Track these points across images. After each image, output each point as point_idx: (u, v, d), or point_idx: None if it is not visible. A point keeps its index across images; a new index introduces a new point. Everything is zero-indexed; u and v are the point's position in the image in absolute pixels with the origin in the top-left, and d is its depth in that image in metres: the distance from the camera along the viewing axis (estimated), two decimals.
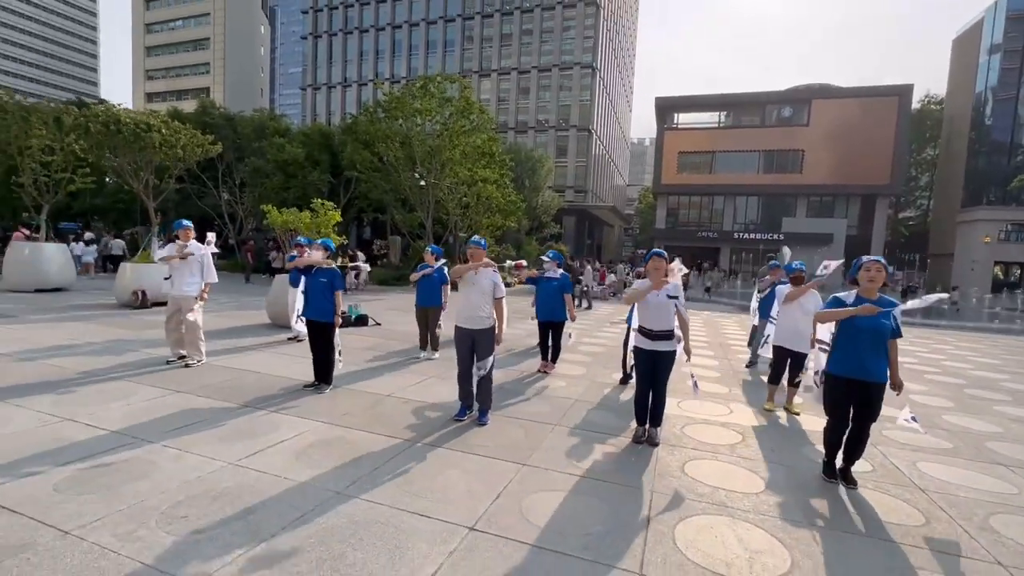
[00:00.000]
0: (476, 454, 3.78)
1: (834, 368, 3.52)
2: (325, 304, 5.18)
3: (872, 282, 3.39)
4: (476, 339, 4.47)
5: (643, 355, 4.18)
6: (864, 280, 3.43)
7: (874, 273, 3.38)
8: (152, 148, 9.95)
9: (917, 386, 6.93)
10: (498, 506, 3.01)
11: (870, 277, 3.39)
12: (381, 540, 2.58)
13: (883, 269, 3.39)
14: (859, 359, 3.38)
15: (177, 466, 3.32)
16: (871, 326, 3.33)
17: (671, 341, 4.10)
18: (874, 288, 3.41)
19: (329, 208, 9.38)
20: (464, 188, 21.88)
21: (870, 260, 3.43)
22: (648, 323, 4.09)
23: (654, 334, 4.07)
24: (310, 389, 5.21)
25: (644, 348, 4.15)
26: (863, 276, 3.43)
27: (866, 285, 3.42)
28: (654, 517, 2.97)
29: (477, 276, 4.46)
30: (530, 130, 50.19)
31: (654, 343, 4.08)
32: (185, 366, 5.84)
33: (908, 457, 4.19)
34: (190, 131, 10.99)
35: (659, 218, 43.92)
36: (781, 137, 39.56)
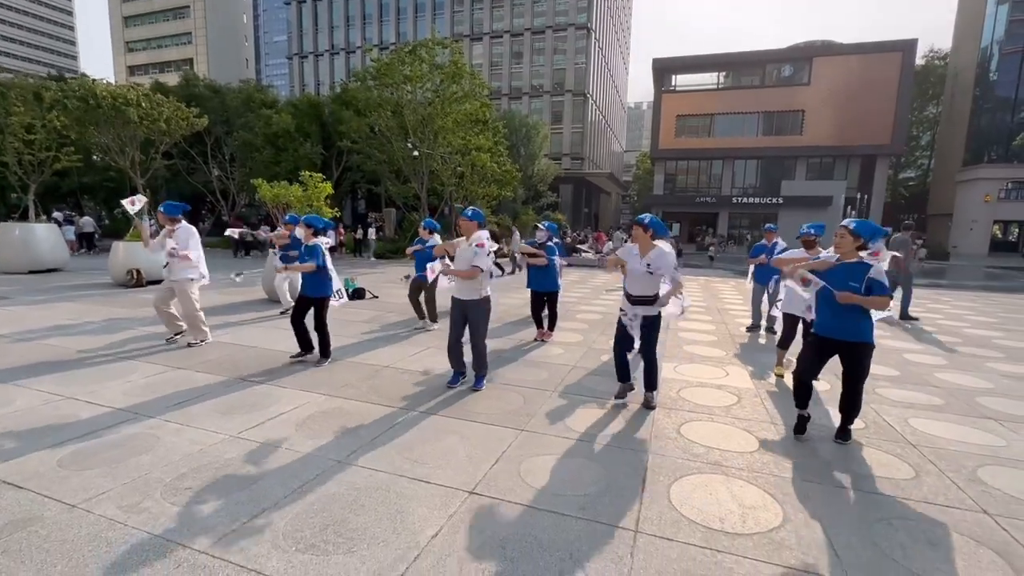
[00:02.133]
0: (475, 421, 3.83)
1: (816, 328, 3.61)
2: (313, 279, 5.18)
3: (838, 247, 3.48)
4: (467, 310, 4.48)
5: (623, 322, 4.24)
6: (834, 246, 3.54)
7: (838, 239, 3.46)
8: (134, 123, 9.67)
9: (912, 345, 7.00)
10: (497, 470, 3.06)
11: (835, 242, 3.49)
12: (383, 505, 2.63)
13: (847, 234, 3.40)
14: (832, 319, 3.46)
15: (179, 439, 3.36)
16: (838, 288, 3.38)
17: (651, 307, 4.10)
18: (841, 251, 3.47)
19: (319, 180, 9.24)
20: (458, 157, 21.52)
21: (839, 225, 3.49)
22: (630, 288, 4.14)
23: (634, 299, 4.12)
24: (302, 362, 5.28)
25: (626, 312, 4.20)
26: (834, 241, 3.52)
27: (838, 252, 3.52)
28: (650, 477, 3.03)
29: (466, 249, 4.44)
30: (524, 96, 49.05)
31: (634, 308, 4.13)
32: (188, 345, 5.81)
33: (900, 414, 4.25)
34: (173, 103, 10.66)
35: (657, 184, 43.39)
36: (781, 97, 38.69)
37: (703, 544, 2.40)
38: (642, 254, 4.08)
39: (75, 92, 9.30)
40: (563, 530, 2.47)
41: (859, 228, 3.38)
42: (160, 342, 5.92)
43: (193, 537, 2.32)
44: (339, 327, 7.12)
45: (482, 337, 4.59)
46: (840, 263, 3.46)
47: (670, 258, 4.04)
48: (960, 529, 2.59)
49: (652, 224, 4.11)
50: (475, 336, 4.57)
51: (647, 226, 4.10)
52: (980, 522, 2.66)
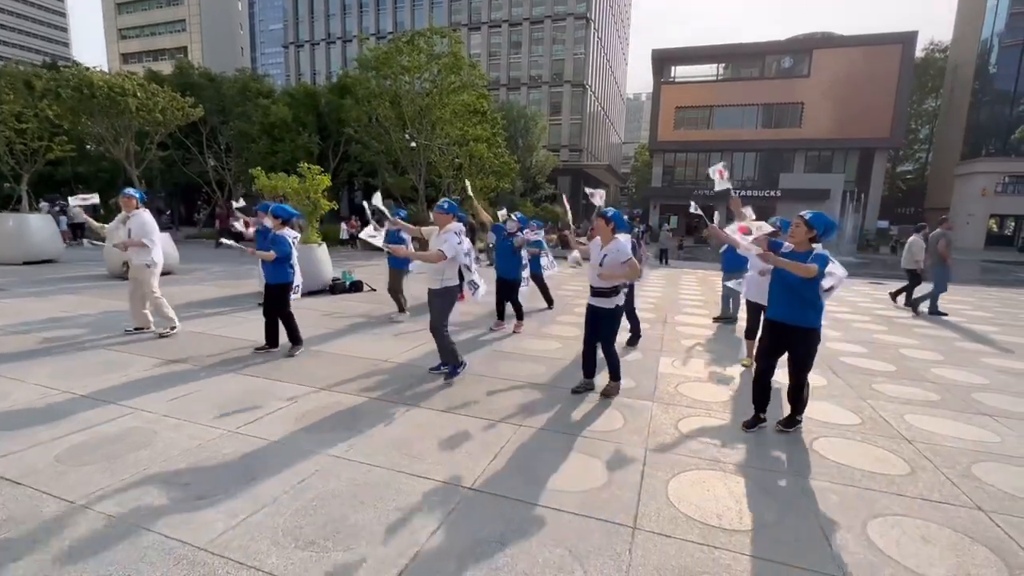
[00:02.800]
0: (473, 416, 3.83)
1: (769, 313, 3.72)
2: (273, 267, 5.21)
3: (792, 236, 3.56)
4: (430, 298, 4.60)
5: (587, 309, 4.38)
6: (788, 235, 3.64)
7: (793, 228, 3.53)
8: (129, 113, 9.55)
9: (908, 340, 7.03)
10: (495, 466, 3.07)
11: (791, 231, 3.57)
12: (382, 502, 2.64)
13: (802, 224, 3.46)
14: (786, 306, 3.53)
15: (177, 435, 3.36)
16: (781, 275, 3.50)
17: (609, 299, 4.16)
18: (794, 240, 3.53)
19: (317, 172, 9.16)
20: (456, 148, 21.39)
21: (796, 215, 3.57)
22: (590, 279, 4.25)
23: (593, 290, 4.23)
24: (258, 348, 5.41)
25: (589, 303, 4.32)
26: (789, 230, 3.62)
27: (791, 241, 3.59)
28: (648, 473, 3.04)
29: (437, 239, 4.47)
30: (523, 86, 48.65)
31: (592, 298, 4.25)
32: (159, 336, 5.80)
33: (896, 410, 4.28)
34: (169, 94, 10.53)
35: (655, 176, 43.29)
36: (781, 89, 38.52)
37: (701, 540, 2.41)
38: (603, 246, 4.18)
39: (69, 81, 9.16)
40: (562, 526, 2.48)
41: (814, 220, 3.44)
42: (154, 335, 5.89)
43: (192, 534, 2.32)
44: (335, 321, 7.12)
45: (438, 326, 4.57)
46: (792, 252, 3.53)
47: (624, 246, 4.09)
48: (955, 525, 2.61)
49: (615, 217, 4.19)
50: (431, 324, 4.61)
51: (609, 219, 4.18)
52: (975, 519, 2.68)
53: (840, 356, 6.00)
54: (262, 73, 39.60)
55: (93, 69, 9.60)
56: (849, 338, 7.00)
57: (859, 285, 14.00)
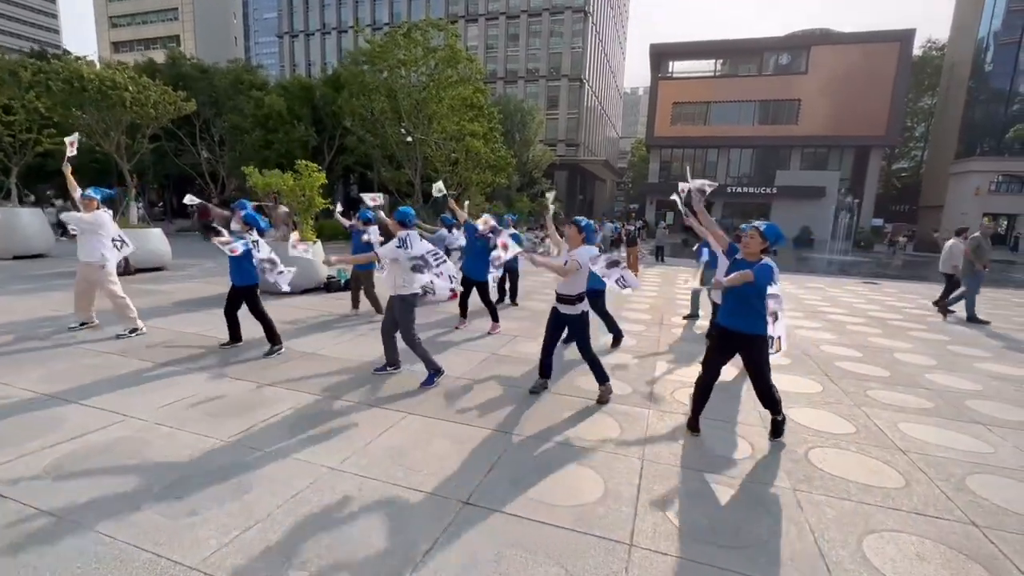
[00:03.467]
0: (468, 424, 3.81)
1: (719, 319, 3.78)
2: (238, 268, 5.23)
3: (746, 245, 3.57)
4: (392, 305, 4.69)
5: (552, 314, 4.41)
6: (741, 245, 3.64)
7: (748, 238, 3.57)
8: (122, 107, 9.41)
9: (902, 344, 7.07)
10: (491, 479, 3.05)
11: (744, 241, 3.60)
12: (376, 517, 2.62)
13: (756, 235, 3.52)
14: (734, 314, 3.59)
15: (169, 444, 3.32)
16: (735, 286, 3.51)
17: (575, 306, 4.22)
18: (748, 250, 3.56)
19: (313, 169, 9.06)
20: (452, 143, 21.26)
21: (749, 226, 3.63)
22: (559, 286, 4.27)
23: (559, 296, 4.27)
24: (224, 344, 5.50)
25: (554, 308, 4.37)
26: (743, 240, 3.63)
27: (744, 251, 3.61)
28: (644, 486, 3.04)
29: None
30: (520, 80, 48.40)
31: (560, 305, 4.29)
32: (116, 336, 5.76)
33: (890, 418, 4.29)
34: (161, 88, 10.37)
35: (652, 172, 43.31)
36: (778, 86, 38.54)
37: (697, 558, 2.41)
38: (569, 251, 4.25)
39: (59, 74, 9.00)
40: (558, 543, 2.47)
41: (768, 231, 3.52)
42: (145, 336, 5.82)
43: (184, 553, 2.30)
44: (327, 322, 7.07)
45: (412, 336, 4.65)
46: (742, 260, 3.58)
47: (584, 255, 4.13)
48: (949, 542, 2.62)
49: (586, 228, 4.26)
50: (404, 335, 4.69)
51: (582, 228, 4.24)
52: (969, 534, 2.70)
53: (835, 360, 6.02)
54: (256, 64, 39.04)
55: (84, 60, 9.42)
56: (844, 341, 7.03)
57: (853, 285, 14.08)
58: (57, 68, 9.19)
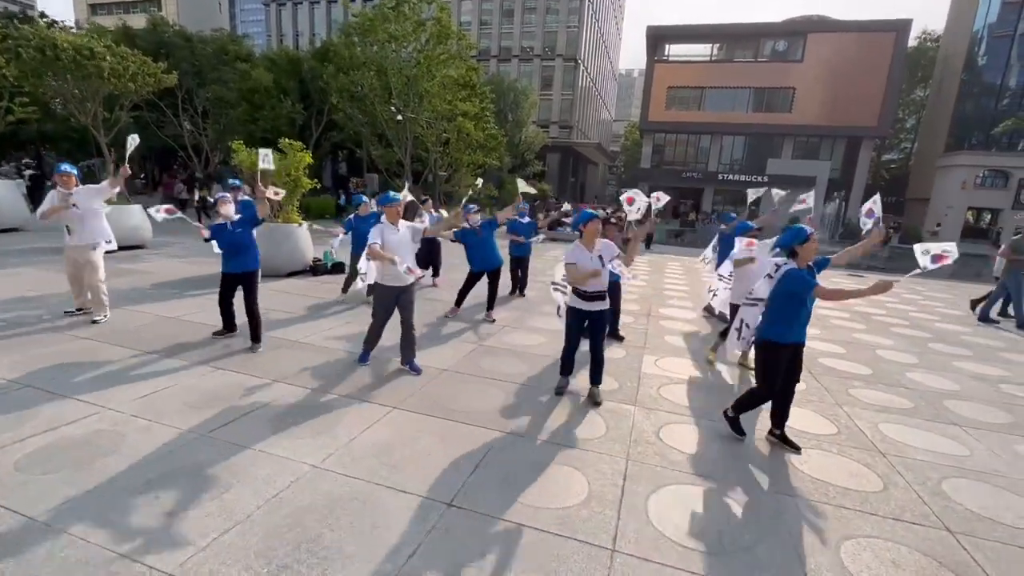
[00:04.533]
0: (455, 420, 3.78)
1: (778, 336, 3.52)
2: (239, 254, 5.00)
3: (813, 255, 3.49)
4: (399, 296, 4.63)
5: (576, 314, 4.26)
6: (810, 253, 3.48)
7: (816, 246, 3.48)
8: (99, 78, 9.00)
9: (884, 340, 7.17)
10: (476, 479, 3.04)
11: (816, 250, 3.49)
12: (359, 519, 2.59)
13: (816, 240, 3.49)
14: (801, 326, 3.51)
15: (147, 438, 3.24)
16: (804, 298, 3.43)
17: (604, 301, 4.18)
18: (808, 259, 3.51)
19: (298, 149, 8.81)
20: (444, 123, 20.85)
21: (813, 231, 3.48)
22: (582, 284, 4.12)
23: (588, 295, 4.14)
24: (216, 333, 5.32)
25: (578, 308, 4.23)
26: (811, 248, 3.46)
27: (809, 258, 3.49)
28: (628, 488, 3.05)
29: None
30: (514, 59, 47.43)
31: (589, 303, 4.16)
32: (92, 322, 5.53)
33: (871, 418, 4.36)
34: (140, 59, 9.92)
35: (644, 156, 42.98)
36: (773, 73, 38.23)
37: (678, 565, 2.43)
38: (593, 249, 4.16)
39: (30, 41, 8.55)
40: (541, 548, 2.47)
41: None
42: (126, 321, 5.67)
43: (162, 557, 2.25)
44: (316, 308, 6.96)
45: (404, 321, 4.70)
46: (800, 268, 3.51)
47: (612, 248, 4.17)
48: (924, 548, 2.67)
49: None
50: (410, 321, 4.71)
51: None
52: (942, 540, 2.75)
53: (819, 357, 6.08)
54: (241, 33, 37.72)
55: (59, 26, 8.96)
56: (827, 336, 7.11)
57: (838, 277, 14.23)
58: (27, 34, 8.73)
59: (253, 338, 5.07)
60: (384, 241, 4.40)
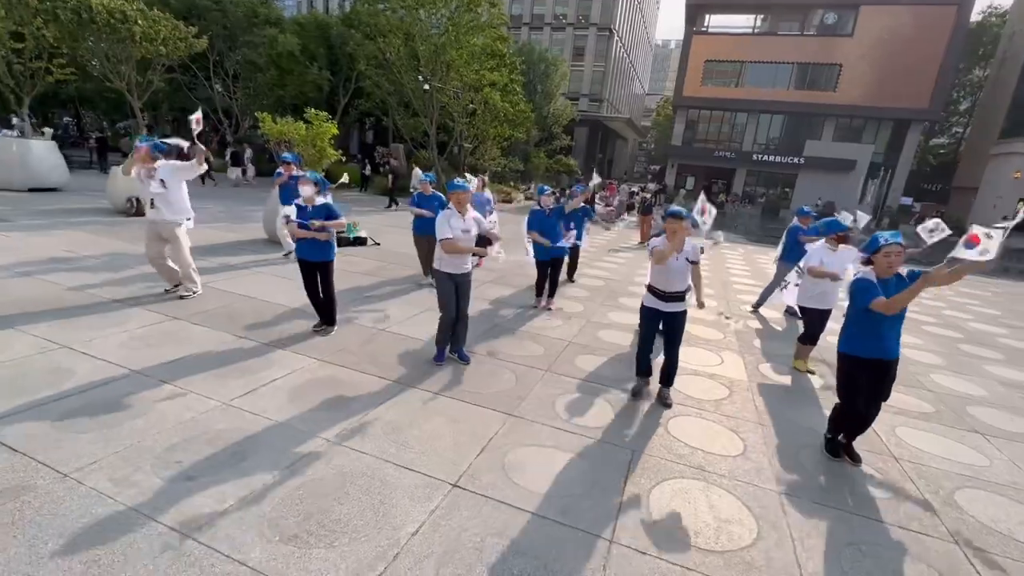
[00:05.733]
0: (465, 401, 3.85)
1: (858, 350, 3.37)
2: (317, 241, 4.94)
3: (891, 267, 3.20)
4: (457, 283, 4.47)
5: (653, 315, 4.10)
6: (883, 266, 3.21)
7: (894, 258, 3.17)
8: (131, 42, 9.11)
9: (912, 339, 6.94)
10: (482, 461, 3.11)
11: (890, 263, 3.19)
12: (367, 495, 2.69)
13: (902, 251, 3.20)
14: (881, 339, 3.31)
15: (172, 404, 3.41)
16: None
17: (683, 302, 4.04)
18: (893, 271, 3.23)
19: (324, 119, 8.83)
20: (471, 94, 20.51)
21: (891, 242, 3.18)
22: (661, 284, 3.98)
23: (668, 295, 3.98)
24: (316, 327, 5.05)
25: (656, 308, 4.06)
26: (883, 261, 3.20)
27: (885, 270, 3.22)
28: (632, 480, 3.08)
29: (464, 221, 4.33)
30: (546, 27, 45.96)
31: (667, 304, 4.01)
32: (180, 297, 5.57)
33: (889, 421, 4.26)
34: (172, 23, 9.99)
35: (676, 134, 41.68)
36: (819, 48, 36.19)
37: (675, 561, 2.46)
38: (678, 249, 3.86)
39: (67, 3, 8.68)
40: (540, 535, 2.53)
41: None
42: (157, 286, 5.87)
43: (182, 519, 2.39)
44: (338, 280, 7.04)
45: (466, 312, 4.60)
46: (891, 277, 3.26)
47: (698, 250, 3.96)
48: (928, 559, 2.65)
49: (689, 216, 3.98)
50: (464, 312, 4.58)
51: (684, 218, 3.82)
52: (950, 553, 2.72)
53: None
54: None
55: None
56: None
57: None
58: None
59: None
60: (452, 229, 4.20)
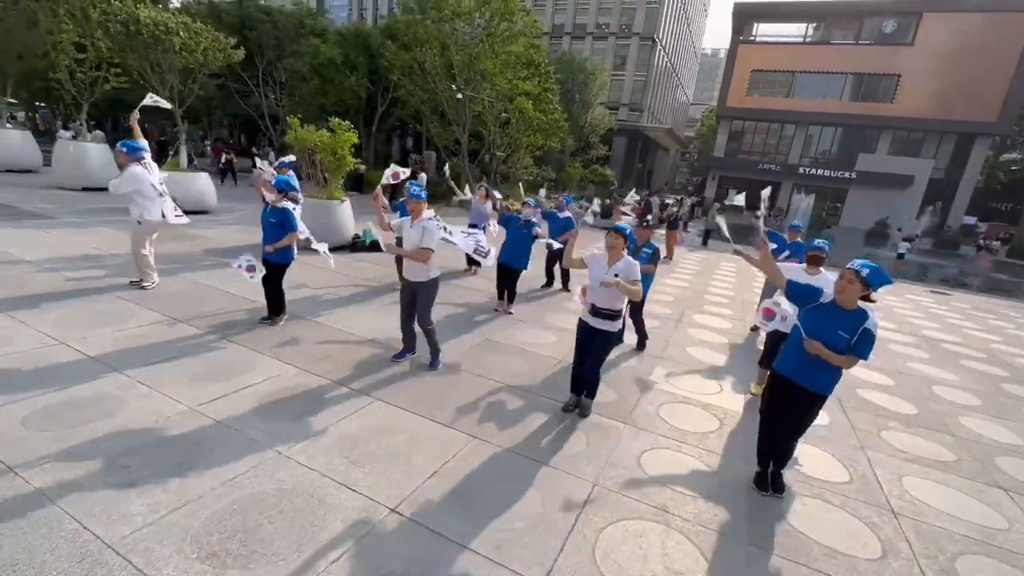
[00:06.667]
0: (431, 419, 3.76)
1: (777, 364, 3.22)
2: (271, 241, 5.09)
3: (841, 293, 2.88)
4: (416, 291, 4.45)
5: (580, 327, 4.02)
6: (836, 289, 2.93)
7: (844, 283, 2.84)
8: (173, 52, 9.69)
9: (946, 374, 6.35)
10: (431, 484, 3.00)
11: (840, 288, 2.88)
12: (300, 514, 2.64)
13: (856, 279, 2.79)
14: (798, 362, 3.06)
15: (142, 405, 3.48)
16: (820, 336, 2.91)
17: (614, 322, 3.86)
18: (846, 300, 2.88)
19: (346, 128, 9.02)
20: (504, 102, 20.60)
21: (848, 269, 2.85)
22: (595, 299, 3.85)
23: (600, 312, 3.84)
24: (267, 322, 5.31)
25: (585, 321, 3.97)
26: (837, 284, 2.90)
27: (838, 296, 2.93)
28: (583, 518, 2.89)
29: (411, 228, 4.29)
30: (588, 36, 45.82)
31: (594, 319, 3.88)
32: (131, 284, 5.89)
33: (896, 468, 3.87)
34: (212, 34, 10.55)
35: (718, 145, 40.47)
36: (876, 58, 34.34)
37: None
38: (611, 264, 3.80)
39: (117, 16, 9.33)
40: (468, 571, 2.40)
41: (872, 277, 2.78)
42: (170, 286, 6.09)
43: (107, 527, 2.40)
44: (342, 284, 7.13)
45: (430, 322, 4.59)
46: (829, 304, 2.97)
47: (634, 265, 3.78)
48: None
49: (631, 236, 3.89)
50: (425, 322, 4.58)
51: (627, 236, 3.82)
52: None
53: (857, 387, 5.49)
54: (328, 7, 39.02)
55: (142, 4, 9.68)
56: (877, 363, 6.39)
57: (918, 294, 12.79)
58: (117, 9, 9.51)
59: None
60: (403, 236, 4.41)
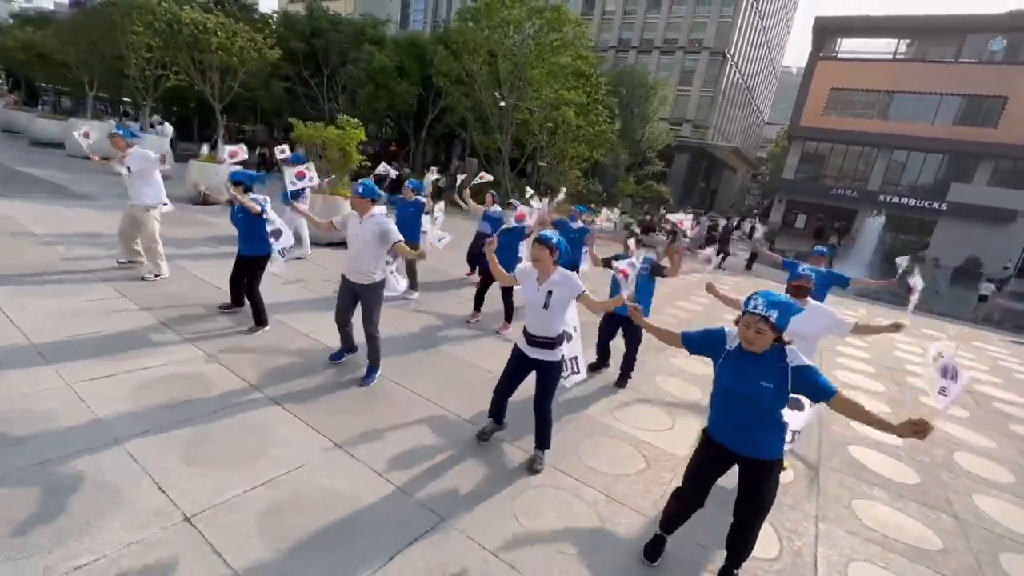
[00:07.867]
0: (326, 436, 3.48)
1: (709, 426, 2.55)
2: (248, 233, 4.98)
3: (752, 344, 2.26)
4: (359, 294, 4.14)
5: (515, 356, 3.42)
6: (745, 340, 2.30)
7: (753, 334, 2.23)
8: (210, 51, 10.33)
9: (981, 439, 5.24)
10: (248, 497, 2.70)
11: (749, 339, 2.26)
12: (80, 508, 2.42)
13: (766, 328, 2.20)
14: (733, 424, 2.41)
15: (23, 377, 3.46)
16: (741, 390, 2.30)
17: (553, 351, 3.26)
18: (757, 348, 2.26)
19: (354, 126, 9.13)
20: (549, 111, 20.37)
21: (751, 314, 2.23)
22: (528, 323, 3.28)
23: (533, 339, 3.25)
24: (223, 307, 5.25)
25: (520, 350, 3.36)
26: (744, 335, 2.28)
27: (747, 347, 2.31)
28: (406, 552, 2.48)
29: (361, 225, 3.99)
30: (655, 50, 44.77)
31: (532, 350, 3.29)
32: (141, 278, 5.82)
33: (848, 550, 3.11)
34: (249, 34, 11.17)
35: (788, 165, 37.89)
36: (979, 78, 30.80)
37: None
38: (542, 281, 3.21)
39: (163, 16, 10.12)
40: None
41: (781, 320, 2.20)
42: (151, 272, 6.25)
43: None
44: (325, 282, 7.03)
45: (377, 326, 4.23)
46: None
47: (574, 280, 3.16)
48: None
49: (559, 245, 3.18)
50: (372, 326, 4.22)
51: (554, 247, 3.15)
52: None
53: (849, 444, 4.61)
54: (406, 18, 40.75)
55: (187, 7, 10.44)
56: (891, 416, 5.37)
57: (989, 342, 11.02)
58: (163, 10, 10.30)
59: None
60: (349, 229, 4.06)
